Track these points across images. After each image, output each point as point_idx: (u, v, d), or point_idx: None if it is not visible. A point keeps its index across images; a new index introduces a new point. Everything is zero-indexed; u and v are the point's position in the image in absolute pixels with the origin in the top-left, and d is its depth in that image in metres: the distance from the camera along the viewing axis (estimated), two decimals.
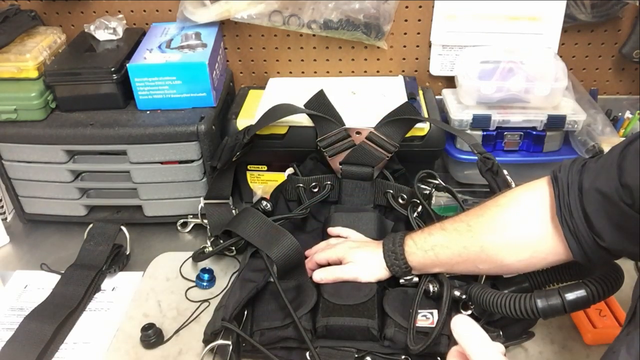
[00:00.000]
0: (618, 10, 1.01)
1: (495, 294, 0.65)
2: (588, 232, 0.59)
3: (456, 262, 0.71)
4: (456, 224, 0.71)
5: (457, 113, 0.96)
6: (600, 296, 0.60)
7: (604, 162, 0.59)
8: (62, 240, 0.98)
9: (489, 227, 0.68)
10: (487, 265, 0.69)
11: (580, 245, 0.60)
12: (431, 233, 0.73)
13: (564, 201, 0.61)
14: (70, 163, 0.94)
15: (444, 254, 0.71)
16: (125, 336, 0.78)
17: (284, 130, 0.93)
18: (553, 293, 0.61)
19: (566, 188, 0.61)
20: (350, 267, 0.76)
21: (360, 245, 0.80)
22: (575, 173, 0.61)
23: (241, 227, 0.83)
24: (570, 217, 0.60)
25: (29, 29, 1.01)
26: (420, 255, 0.72)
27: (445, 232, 0.71)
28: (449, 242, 0.70)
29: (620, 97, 1.13)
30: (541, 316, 0.61)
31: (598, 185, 0.58)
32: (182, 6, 1.02)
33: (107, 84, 0.93)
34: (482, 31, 1.05)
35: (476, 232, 0.68)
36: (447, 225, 0.72)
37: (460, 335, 0.52)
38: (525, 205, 0.66)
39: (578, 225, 0.60)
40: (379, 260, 0.75)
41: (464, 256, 0.69)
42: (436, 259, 0.71)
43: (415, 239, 0.74)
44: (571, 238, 0.61)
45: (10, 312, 0.83)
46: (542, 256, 0.65)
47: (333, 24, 1.04)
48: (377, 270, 0.75)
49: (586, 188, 0.59)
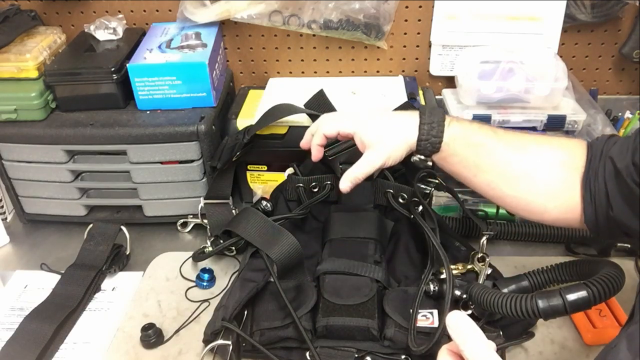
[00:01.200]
0: (618, 10, 1.01)
1: (496, 294, 0.65)
2: (605, 199, 0.60)
3: (491, 171, 0.67)
4: (510, 137, 0.68)
5: (457, 113, 0.96)
6: (602, 297, 0.60)
7: (627, 138, 0.62)
8: (62, 240, 0.98)
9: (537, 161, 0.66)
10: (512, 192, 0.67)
11: (595, 211, 0.62)
12: (481, 128, 0.68)
13: (592, 166, 0.62)
14: (70, 163, 0.94)
15: (483, 157, 0.67)
16: (125, 336, 0.78)
17: (284, 130, 0.93)
18: (554, 294, 0.61)
19: (598, 155, 0.63)
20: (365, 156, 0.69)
21: (377, 114, 0.72)
22: (610, 144, 0.63)
23: (241, 227, 0.83)
24: (595, 182, 0.61)
25: (29, 29, 1.01)
26: (460, 144, 0.67)
27: (497, 137, 0.67)
28: (497, 148, 0.67)
29: (620, 97, 1.13)
30: (542, 317, 0.61)
31: (615, 159, 0.60)
32: (182, 6, 1.02)
33: (107, 84, 0.93)
34: (482, 31, 1.05)
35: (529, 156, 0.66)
36: (500, 131, 0.68)
37: (455, 332, 0.51)
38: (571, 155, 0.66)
39: (599, 191, 0.61)
40: (406, 134, 0.68)
41: (502, 170, 0.66)
42: (471, 158, 0.67)
43: (464, 126, 0.68)
44: (589, 202, 0.62)
45: (10, 312, 0.83)
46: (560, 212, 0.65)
47: (333, 24, 1.04)
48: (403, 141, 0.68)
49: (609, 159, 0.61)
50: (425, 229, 0.76)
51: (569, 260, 0.72)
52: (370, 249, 0.81)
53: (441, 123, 0.67)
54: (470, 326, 0.51)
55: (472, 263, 0.78)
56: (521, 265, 0.85)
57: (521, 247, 0.91)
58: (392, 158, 0.69)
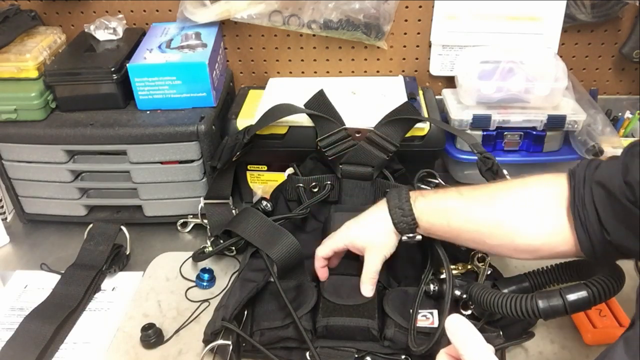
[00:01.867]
0: (618, 10, 1.01)
1: (496, 294, 0.65)
2: (598, 225, 0.60)
3: (467, 230, 0.68)
4: (476, 192, 0.69)
5: (457, 113, 0.96)
6: (602, 297, 0.60)
7: (615, 160, 0.61)
8: (62, 240, 0.98)
9: (511, 203, 0.66)
10: (496, 243, 0.67)
11: (589, 238, 0.61)
12: (446, 194, 0.70)
13: (578, 194, 0.62)
14: (70, 163, 0.94)
15: (457, 219, 0.68)
16: (125, 336, 0.78)
17: (284, 130, 0.93)
18: (554, 294, 0.61)
19: (582, 182, 0.62)
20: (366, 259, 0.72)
21: (358, 218, 0.75)
22: (592, 169, 0.62)
23: (241, 227, 0.83)
24: (583, 209, 0.61)
25: (29, 29, 1.01)
26: (431, 215, 0.69)
27: (462, 197, 0.68)
28: (465, 208, 0.67)
29: (620, 97, 1.13)
30: (542, 317, 0.61)
31: (604, 182, 0.59)
32: (182, 6, 1.02)
33: (107, 84, 0.93)
34: (482, 31, 1.05)
35: (497, 205, 0.66)
36: (464, 191, 0.69)
37: (455, 336, 0.51)
38: (551, 192, 0.65)
39: (589, 218, 0.60)
40: (385, 225, 0.71)
41: (477, 227, 0.67)
42: (446, 224, 0.68)
43: (427, 197, 0.70)
44: (581, 230, 0.61)
45: (10, 312, 0.83)
46: (552, 246, 0.64)
47: (333, 24, 1.04)
48: (388, 235, 0.71)
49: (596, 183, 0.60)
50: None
51: (569, 260, 0.72)
52: None
53: (407, 202, 0.70)
54: (470, 330, 0.51)
55: (472, 263, 0.78)
56: (521, 265, 0.85)
57: None
58: (387, 250, 0.73)
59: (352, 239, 0.74)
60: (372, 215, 0.74)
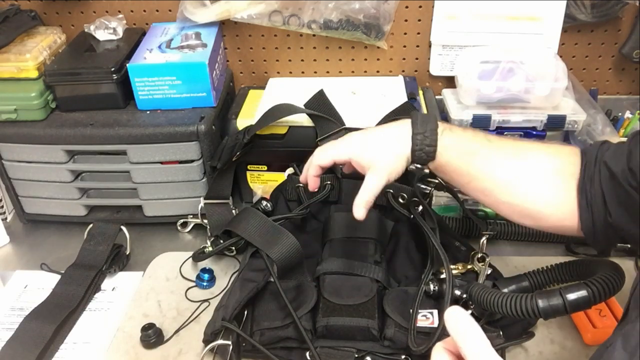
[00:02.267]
0: (618, 10, 1.01)
1: (496, 294, 0.65)
2: (602, 205, 0.60)
3: (483, 178, 0.66)
4: (503, 142, 0.67)
5: (457, 113, 0.96)
6: (602, 297, 0.60)
7: (622, 145, 0.61)
8: (62, 240, 0.98)
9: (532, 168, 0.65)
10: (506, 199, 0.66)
11: (592, 217, 0.61)
12: (475, 136, 0.67)
13: (587, 172, 0.62)
14: (70, 163, 0.94)
15: (478, 165, 0.66)
16: (125, 336, 0.78)
17: (284, 130, 0.93)
18: (554, 293, 0.61)
19: (593, 161, 0.62)
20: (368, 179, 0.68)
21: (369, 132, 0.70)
22: (603, 150, 0.63)
23: (241, 227, 0.83)
24: (591, 187, 0.61)
25: (29, 29, 1.01)
26: (453, 153, 0.66)
27: (490, 143, 0.66)
28: (490, 155, 0.66)
29: (620, 97, 1.13)
30: (542, 316, 0.61)
31: (609, 164, 0.60)
32: (182, 6, 1.02)
33: (107, 84, 0.93)
34: (482, 31, 1.05)
35: (520, 163, 0.65)
36: (493, 138, 0.67)
37: (455, 329, 0.48)
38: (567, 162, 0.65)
39: (595, 197, 0.60)
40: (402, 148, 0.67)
41: (494, 177, 0.66)
42: (465, 166, 0.66)
43: (456, 132, 0.67)
44: (585, 208, 0.61)
45: (10, 312, 0.83)
46: (557, 218, 0.64)
47: (333, 24, 1.04)
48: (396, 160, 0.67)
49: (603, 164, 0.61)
50: (425, 228, 0.76)
51: (569, 260, 0.73)
52: (370, 249, 0.81)
53: (434, 131, 0.67)
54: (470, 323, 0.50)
55: (472, 263, 0.78)
56: (521, 265, 0.85)
57: (521, 247, 0.91)
58: (393, 174, 0.68)
59: (359, 154, 0.69)
60: (388, 134, 0.69)
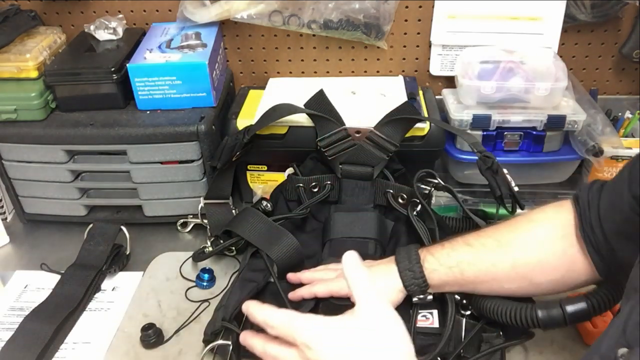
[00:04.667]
0: (618, 10, 1.01)
1: (496, 302, 0.65)
2: (606, 244, 0.59)
3: (482, 280, 0.67)
4: (483, 239, 0.68)
5: (457, 113, 0.96)
6: (601, 309, 0.61)
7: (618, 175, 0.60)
8: (62, 240, 0.98)
9: (522, 244, 0.66)
10: (516, 285, 0.66)
11: (603, 260, 0.60)
12: (454, 248, 0.69)
13: (585, 218, 0.61)
14: (70, 163, 0.94)
15: (470, 271, 0.67)
16: (125, 336, 0.78)
17: (284, 130, 0.93)
18: (554, 305, 0.61)
19: (587, 205, 0.62)
20: None
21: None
22: (595, 191, 0.62)
23: (241, 227, 0.83)
24: (592, 232, 0.60)
25: (29, 29, 1.01)
26: (443, 272, 0.68)
27: (471, 247, 0.68)
28: (476, 258, 0.67)
29: (620, 97, 1.13)
30: (541, 327, 0.62)
31: (610, 197, 0.59)
32: (182, 6, 1.02)
33: (107, 84, 0.93)
34: (482, 31, 1.05)
35: (507, 249, 0.66)
36: (472, 241, 0.68)
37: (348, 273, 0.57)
38: (557, 223, 0.65)
39: (600, 241, 0.60)
40: (394, 282, 0.69)
41: (491, 274, 0.66)
42: (460, 277, 0.67)
43: (436, 254, 0.69)
44: (594, 253, 0.61)
45: (10, 312, 0.83)
46: (575, 276, 0.64)
47: (333, 24, 1.04)
48: (393, 295, 0.69)
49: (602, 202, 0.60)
50: (420, 232, 0.76)
51: None
52: (370, 249, 0.81)
53: (417, 264, 0.68)
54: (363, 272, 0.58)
55: None
56: None
57: None
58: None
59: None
60: (380, 271, 0.71)
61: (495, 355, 0.70)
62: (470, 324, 0.71)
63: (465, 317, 0.71)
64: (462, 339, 0.70)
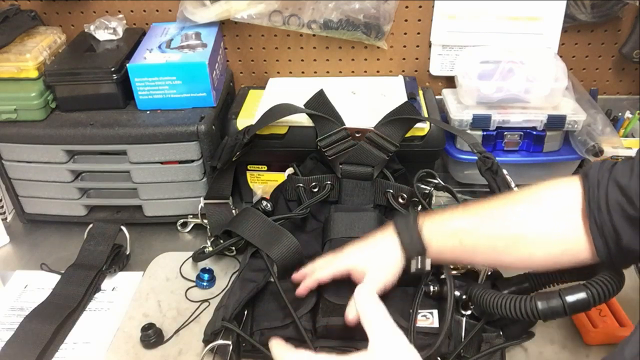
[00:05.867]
0: (618, 10, 1.01)
1: (496, 295, 0.65)
2: (612, 228, 0.58)
3: (481, 251, 0.65)
4: (486, 208, 0.66)
5: (457, 113, 0.96)
6: (601, 299, 0.60)
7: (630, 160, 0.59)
8: (62, 240, 0.98)
9: (524, 216, 0.64)
10: (513, 258, 0.64)
11: (606, 242, 0.59)
12: (454, 216, 0.67)
13: (593, 197, 0.60)
14: (70, 163, 0.94)
15: (469, 240, 0.65)
16: (125, 336, 0.78)
17: (284, 130, 0.93)
18: (554, 295, 0.61)
19: (596, 185, 0.60)
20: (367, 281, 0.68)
21: (361, 243, 0.72)
22: (605, 170, 0.61)
23: (241, 227, 0.83)
24: (598, 212, 0.59)
25: (29, 29, 1.01)
26: (441, 239, 0.66)
27: (472, 215, 0.66)
28: (477, 227, 0.65)
29: (620, 97, 1.13)
30: (541, 318, 0.61)
31: (620, 182, 0.58)
32: (182, 6, 1.02)
33: (107, 84, 0.93)
34: (482, 31, 1.05)
35: (509, 220, 0.64)
36: (473, 209, 0.66)
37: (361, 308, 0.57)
38: (564, 199, 0.63)
39: (605, 221, 0.59)
40: (392, 247, 0.68)
41: (490, 245, 0.64)
42: (459, 245, 0.65)
43: (436, 219, 0.67)
44: (597, 234, 0.60)
45: (10, 312, 0.83)
46: (573, 255, 0.63)
47: (333, 24, 1.04)
48: (393, 261, 0.68)
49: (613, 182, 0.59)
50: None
51: None
52: None
53: (414, 226, 0.67)
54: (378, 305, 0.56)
55: None
56: None
57: None
58: (389, 277, 0.69)
59: (355, 263, 0.70)
60: (378, 240, 0.71)
61: (495, 355, 0.70)
62: (470, 324, 0.71)
63: (465, 317, 0.71)
64: (462, 339, 0.70)
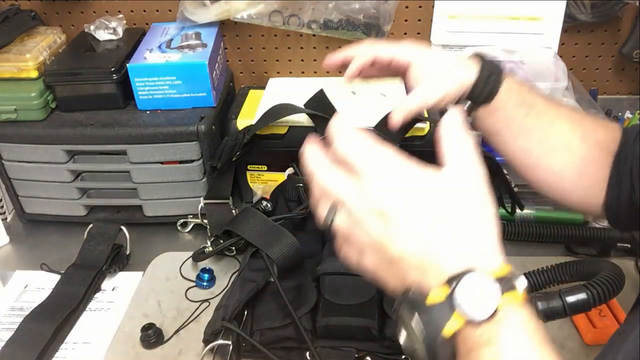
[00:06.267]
0: (618, 10, 1.01)
1: None
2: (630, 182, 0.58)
3: (532, 137, 0.64)
4: (559, 104, 0.65)
5: None
6: (602, 299, 0.60)
7: None
8: (62, 240, 0.98)
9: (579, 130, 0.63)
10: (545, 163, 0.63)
11: (618, 194, 0.59)
12: (534, 91, 0.65)
13: (625, 149, 0.60)
14: (70, 163, 0.94)
15: (532, 120, 0.63)
16: (125, 336, 0.78)
17: (284, 130, 0.93)
18: (554, 295, 0.61)
19: (631, 140, 0.60)
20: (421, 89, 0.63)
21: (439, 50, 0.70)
22: None
23: (241, 227, 0.83)
24: (625, 165, 0.59)
25: (29, 29, 1.01)
26: (513, 101, 0.63)
27: (549, 103, 0.65)
28: (547, 114, 0.64)
29: (620, 97, 1.13)
30: (541, 318, 0.61)
31: None
32: (182, 6, 1.02)
33: (107, 84, 0.93)
34: (482, 31, 1.05)
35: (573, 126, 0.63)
36: (551, 98, 0.66)
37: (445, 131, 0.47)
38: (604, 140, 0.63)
39: (625, 174, 0.59)
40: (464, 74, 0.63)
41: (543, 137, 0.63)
42: (521, 119, 0.63)
43: (519, 82, 0.65)
44: (614, 184, 0.60)
45: (10, 312, 0.83)
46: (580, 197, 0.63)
47: (333, 24, 1.04)
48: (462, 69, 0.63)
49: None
50: None
51: (569, 260, 0.73)
52: None
53: (500, 73, 0.63)
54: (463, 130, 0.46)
55: None
56: (521, 265, 0.84)
57: (521, 247, 0.91)
58: (447, 97, 0.63)
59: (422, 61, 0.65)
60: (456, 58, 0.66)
61: None
62: None
63: None
64: None
